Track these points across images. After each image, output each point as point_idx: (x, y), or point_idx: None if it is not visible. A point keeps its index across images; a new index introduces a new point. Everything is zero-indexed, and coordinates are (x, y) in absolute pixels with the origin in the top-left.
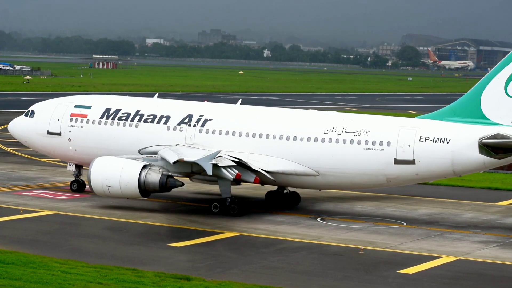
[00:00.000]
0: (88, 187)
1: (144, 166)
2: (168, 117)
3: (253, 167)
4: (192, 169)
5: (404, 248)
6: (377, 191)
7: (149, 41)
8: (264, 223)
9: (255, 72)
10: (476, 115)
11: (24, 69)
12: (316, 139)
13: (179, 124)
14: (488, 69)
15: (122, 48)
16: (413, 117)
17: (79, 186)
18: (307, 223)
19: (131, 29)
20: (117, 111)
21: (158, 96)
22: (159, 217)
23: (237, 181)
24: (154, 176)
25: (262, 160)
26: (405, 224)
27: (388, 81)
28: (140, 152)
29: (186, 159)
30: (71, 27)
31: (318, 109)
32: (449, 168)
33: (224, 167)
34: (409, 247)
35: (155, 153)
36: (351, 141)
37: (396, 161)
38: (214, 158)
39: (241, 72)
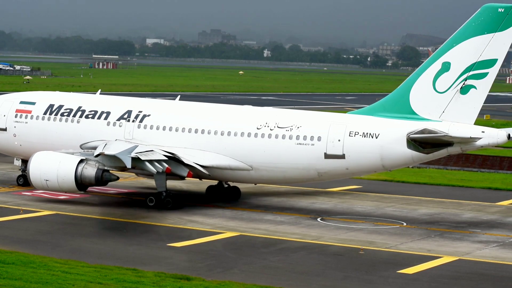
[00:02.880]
0: None
1: (81, 161)
2: (108, 113)
3: (186, 162)
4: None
5: (404, 248)
6: (376, 190)
7: (149, 41)
8: (264, 223)
9: (255, 72)
10: (405, 111)
11: (24, 69)
12: (249, 134)
13: (118, 119)
14: None
15: (122, 48)
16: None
17: (25, 180)
18: (307, 223)
19: (131, 29)
20: (60, 107)
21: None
22: (159, 217)
23: (170, 174)
24: (90, 171)
25: (198, 155)
26: (405, 224)
27: (388, 81)
28: (81, 147)
29: (106, 152)
30: (71, 27)
31: (318, 110)
32: (379, 162)
33: (149, 160)
34: (409, 247)
35: (95, 148)
36: (283, 136)
37: (327, 156)
38: (140, 152)
39: (241, 72)
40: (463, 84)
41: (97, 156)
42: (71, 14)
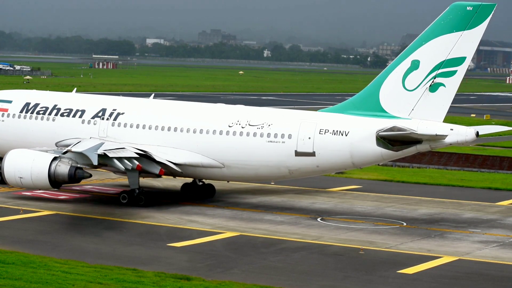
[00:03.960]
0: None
1: (55, 158)
2: (83, 111)
3: (158, 159)
4: (99, 161)
5: (404, 248)
6: (376, 190)
7: (149, 41)
8: (264, 223)
9: (255, 72)
10: (375, 108)
11: (24, 69)
12: (221, 132)
13: (93, 117)
14: (488, 69)
15: (122, 48)
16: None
17: (2, 179)
18: (307, 223)
19: (131, 29)
20: (36, 105)
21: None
22: (159, 217)
23: (143, 172)
24: (63, 168)
25: (170, 152)
26: (405, 224)
27: None
28: (56, 145)
29: (73, 149)
30: (71, 27)
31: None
32: (348, 160)
33: (119, 158)
34: (409, 247)
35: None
36: (254, 134)
37: (297, 153)
38: (109, 150)
39: (241, 72)
40: (432, 82)
41: (64, 153)
42: (71, 14)
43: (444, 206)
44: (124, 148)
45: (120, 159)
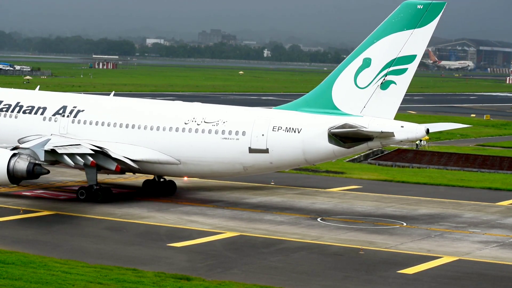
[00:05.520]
0: None
1: (14, 155)
2: (44, 108)
3: (114, 156)
4: (55, 158)
5: (404, 248)
6: (376, 190)
7: (149, 41)
8: (264, 223)
9: (255, 72)
10: (328, 106)
11: (24, 69)
12: (177, 129)
13: (54, 115)
14: (488, 69)
15: (122, 48)
16: (413, 118)
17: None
18: (307, 223)
19: (131, 29)
20: None
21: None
22: (159, 217)
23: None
24: (22, 164)
25: (128, 149)
26: (405, 224)
27: None
28: (19, 141)
29: (21, 146)
30: (71, 27)
31: None
32: (301, 156)
33: (70, 154)
34: (409, 247)
35: None
36: (209, 131)
37: (251, 150)
38: (59, 146)
39: (241, 72)
40: (383, 79)
41: (13, 149)
42: (71, 14)
43: (444, 206)
44: (79, 144)
45: (72, 155)
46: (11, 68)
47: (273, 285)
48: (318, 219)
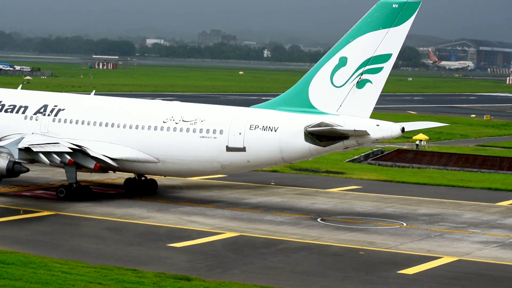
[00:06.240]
0: None
1: None
2: (26, 107)
3: (92, 154)
4: (31, 156)
5: (404, 248)
6: (376, 190)
7: (149, 41)
8: (264, 223)
9: (255, 73)
10: (305, 105)
11: (24, 70)
12: (155, 128)
13: (35, 113)
14: (488, 69)
15: (122, 49)
16: (413, 118)
17: None
18: (307, 223)
19: (131, 29)
20: None
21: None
22: (159, 217)
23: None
24: (1, 162)
25: (107, 147)
26: (405, 224)
27: (388, 81)
28: (0, 140)
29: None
30: (71, 27)
31: None
32: (278, 155)
33: (45, 152)
34: (409, 247)
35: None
36: (187, 130)
37: (228, 149)
38: (35, 144)
39: (241, 72)
40: (359, 78)
41: None
42: (71, 14)
43: (444, 207)
44: (58, 143)
45: (48, 153)
46: (11, 68)
47: (273, 285)
48: (318, 219)
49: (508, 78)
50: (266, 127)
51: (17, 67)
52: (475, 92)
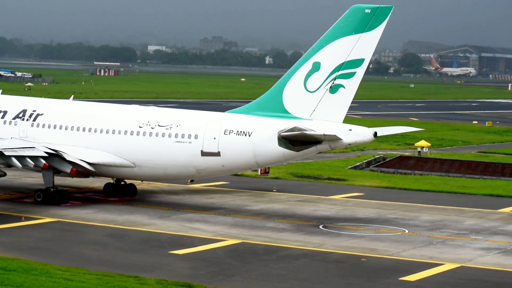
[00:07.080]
0: None
1: None
2: (5, 112)
3: (68, 158)
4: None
5: (406, 255)
6: (378, 197)
7: (151, 48)
8: (266, 230)
9: (257, 79)
10: (279, 110)
11: (25, 76)
12: (132, 133)
13: (14, 118)
14: (490, 76)
15: (123, 55)
16: (415, 124)
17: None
18: (309, 230)
19: (133, 35)
20: None
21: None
22: (160, 224)
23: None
24: None
25: (84, 152)
26: (407, 231)
27: (390, 88)
28: None
29: None
30: (72, 34)
31: None
32: (252, 160)
33: (18, 156)
34: (411, 254)
35: None
36: (163, 134)
37: (203, 153)
38: (8, 148)
39: (243, 79)
40: (332, 83)
41: None
42: (73, 20)
43: (446, 213)
44: (34, 147)
45: (22, 157)
46: (12, 75)
47: None
48: (320, 226)
49: (510, 84)
50: (241, 131)
51: (19, 74)
52: (477, 98)
